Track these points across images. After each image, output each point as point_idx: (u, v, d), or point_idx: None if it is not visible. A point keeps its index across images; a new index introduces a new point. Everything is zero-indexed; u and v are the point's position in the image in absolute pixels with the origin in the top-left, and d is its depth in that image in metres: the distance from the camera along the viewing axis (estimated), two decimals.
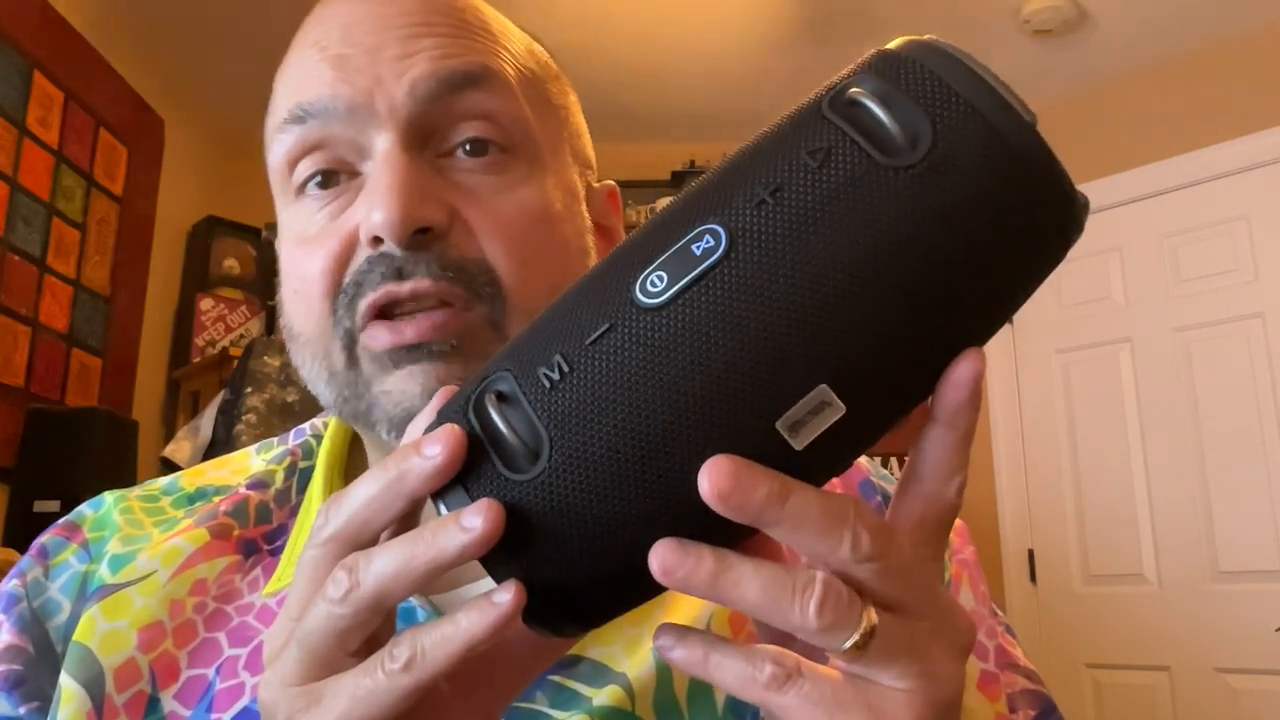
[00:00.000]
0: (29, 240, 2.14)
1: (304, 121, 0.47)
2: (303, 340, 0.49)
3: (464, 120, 0.47)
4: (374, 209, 0.44)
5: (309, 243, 0.47)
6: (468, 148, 0.47)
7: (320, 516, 0.32)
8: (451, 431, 0.30)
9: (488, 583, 0.31)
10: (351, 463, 0.56)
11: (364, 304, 0.45)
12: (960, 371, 0.29)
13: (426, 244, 0.45)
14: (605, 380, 0.28)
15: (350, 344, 0.46)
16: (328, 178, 0.48)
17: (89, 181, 2.38)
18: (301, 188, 0.48)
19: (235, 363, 2.45)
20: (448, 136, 0.47)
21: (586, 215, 0.53)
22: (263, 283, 3.00)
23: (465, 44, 0.48)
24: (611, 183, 0.58)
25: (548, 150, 0.50)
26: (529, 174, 0.48)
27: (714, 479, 0.27)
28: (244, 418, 2.28)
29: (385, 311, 0.45)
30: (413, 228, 0.44)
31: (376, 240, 0.45)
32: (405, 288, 0.44)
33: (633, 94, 3.01)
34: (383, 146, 0.46)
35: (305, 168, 0.48)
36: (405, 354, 0.45)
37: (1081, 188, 0.29)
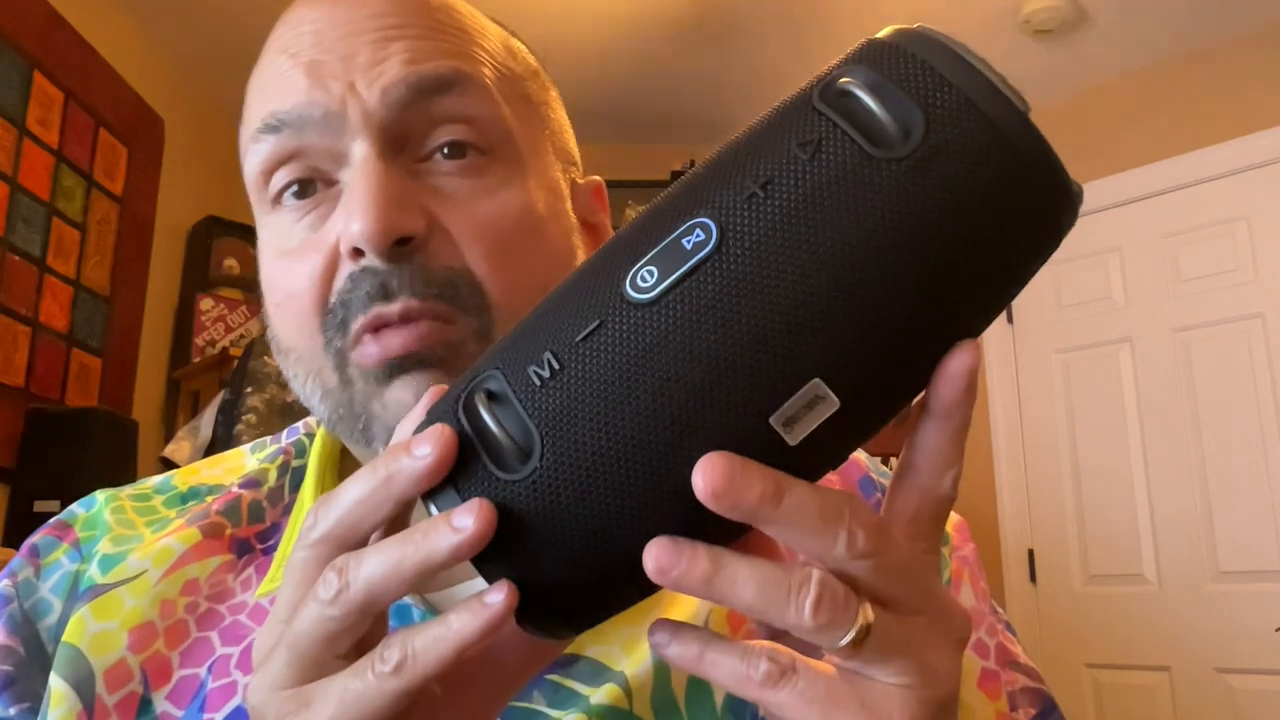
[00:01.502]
0: (29, 240, 2.14)
1: (279, 131, 0.46)
2: (294, 356, 0.48)
3: (440, 125, 0.46)
4: (352, 220, 0.43)
5: (290, 256, 0.47)
6: (445, 151, 0.46)
7: (309, 518, 0.32)
8: (441, 431, 0.29)
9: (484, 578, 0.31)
10: (344, 461, 0.56)
11: (355, 327, 0.44)
12: (955, 364, 0.29)
13: (408, 255, 0.44)
14: (596, 378, 0.28)
15: (342, 363, 0.46)
16: (304, 187, 0.47)
17: (89, 181, 2.38)
18: (278, 198, 0.48)
19: (235, 363, 2.45)
20: (424, 141, 0.46)
21: (571, 214, 0.52)
22: None
23: (438, 46, 0.47)
24: (597, 178, 0.57)
25: (528, 150, 0.49)
26: (510, 176, 0.48)
27: (708, 477, 0.27)
28: (244, 418, 2.28)
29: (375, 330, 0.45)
30: (392, 238, 0.43)
31: (357, 252, 0.44)
32: (394, 309, 0.44)
33: (633, 94, 3.01)
34: (359, 154, 0.45)
35: (281, 177, 0.47)
36: (397, 365, 0.44)
37: (1069, 173, 0.29)
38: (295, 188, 0.47)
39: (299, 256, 0.46)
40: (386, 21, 0.47)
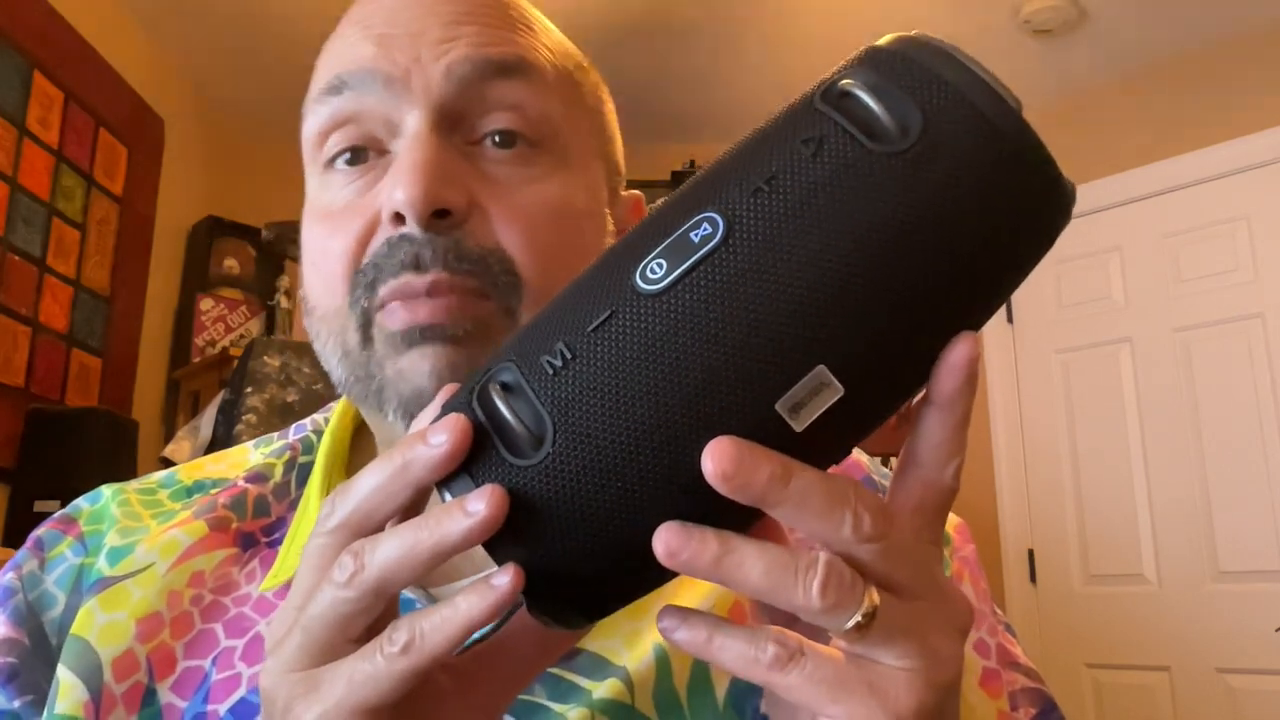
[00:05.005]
0: (29, 240, 2.15)
1: (340, 92, 0.48)
2: (318, 314, 0.49)
3: (495, 110, 0.47)
4: (397, 186, 0.44)
5: (333, 218, 0.48)
6: (496, 139, 0.47)
7: (326, 506, 0.32)
8: (457, 419, 0.30)
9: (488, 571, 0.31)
10: (353, 459, 0.56)
11: (382, 290, 0.45)
12: (955, 355, 0.30)
13: (445, 228, 0.45)
14: (607, 366, 0.29)
15: (366, 323, 0.46)
16: (357, 154, 0.48)
17: (89, 181, 2.38)
18: (331, 161, 0.49)
19: (235, 363, 2.45)
20: (478, 125, 0.47)
21: (609, 218, 0.53)
22: (263, 283, 3.00)
23: (505, 35, 0.49)
24: (637, 193, 0.59)
25: (575, 149, 0.50)
26: (553, 169, 0.49)
27: (717, 460, 0.28)
28: (244, 418, 2.28)
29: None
30: (433, 207, 0.44)
31: (398, 218, 0.45)
32: (423, 281, 0.44)
33: (633, 94, 3.01)
34: (413, 125, 0.46)
35: (336, 141, 0.48)
36: (419, 334, 0.45)
37: (1081, 188, 0.30)
38: (348, 155, 0.48)
39: (341, 218, 0.47)
40: (459, 7, 0.48)
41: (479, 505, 0.29)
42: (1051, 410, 2.88)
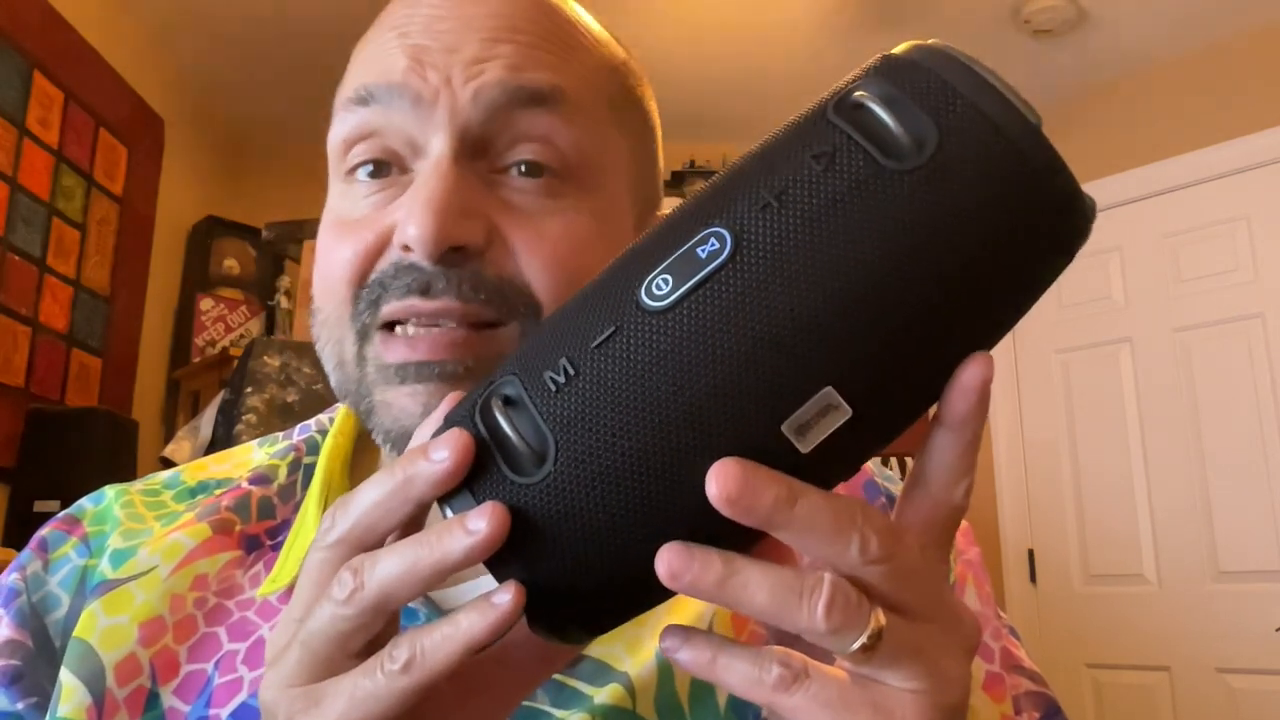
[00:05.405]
0: (29, 240, 2.14)
1: (368, 104, 0.46)
2: (320, 318, 0.49)
3: (524, 140, 0.46)
4: (409, 221, 0.43)
5: (346, 228, 0.47)
6: (523, 169, 0.46)
7: (327, 520, 0.32)
8: (459, 436, 0.30)
9: (489, 577, 0.31)
10: (356, 461, 0.56)
11: (385, 310, 0.45)
12: (967, 376, 0.29)
13: (459, 261, 0.44)
14: (611, 383, 0.28)
15: (364, 338, 0.46)
16: (379, 168, 0.47)
17: (89, 181, 2.38)
18: (353, 171, 0.48)
19: (235, 363, 2.45)
20: (504, 153, 0.46)
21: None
22: (263, 283, 3.00)
23: (543, 57, 0.47)
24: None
25: (605, 179, 0.49)
26: (579, 201, 0.47)
27: (722, 482, 0.27)
28: (244, 418, 2.28)
29: (403, 321, 0.45)
30: (444, 247, 0.43)
31: (407, 248, 0.44)
32: (430, 305, 0.44)
33: None
34: (436, 151, 0.45)
35: (360, 152, 0.47)
36: (414, 370, 0.44)
37: (1081, 187, 0.29)
38: (370, 167, 0.47)
39: (354, 229, 0.47)
40: (499, 23, 0.47)
41: (480, 524, 0.29)
42: (1051, 410, 2.88)
